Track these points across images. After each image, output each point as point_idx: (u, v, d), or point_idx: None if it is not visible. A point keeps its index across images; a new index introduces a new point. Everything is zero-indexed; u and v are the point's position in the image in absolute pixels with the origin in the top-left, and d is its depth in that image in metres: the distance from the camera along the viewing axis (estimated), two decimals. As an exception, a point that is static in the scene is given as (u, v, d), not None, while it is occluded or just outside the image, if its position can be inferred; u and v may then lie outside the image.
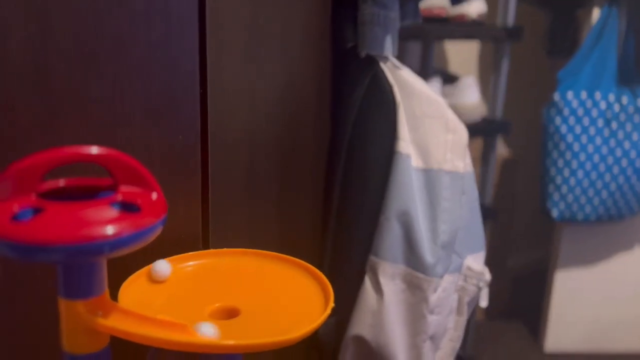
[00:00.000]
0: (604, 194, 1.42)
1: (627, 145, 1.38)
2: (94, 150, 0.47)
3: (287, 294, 0.62)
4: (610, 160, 1.40)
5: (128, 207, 0.48)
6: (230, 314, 0.59)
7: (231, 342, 0.50)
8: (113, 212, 0.46)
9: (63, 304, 0.49)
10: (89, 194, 0.51)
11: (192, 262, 0.65)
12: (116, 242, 0.45)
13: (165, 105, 0.65)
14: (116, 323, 0.49)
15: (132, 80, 0.63)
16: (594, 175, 1.41)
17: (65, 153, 0.45)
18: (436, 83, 1.42)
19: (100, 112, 0.62)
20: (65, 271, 0.48)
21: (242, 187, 0.78)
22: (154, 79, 0.64)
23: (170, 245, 0.68)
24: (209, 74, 0.68)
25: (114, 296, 0.59)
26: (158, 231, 0.48)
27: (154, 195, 0.50)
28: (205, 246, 0.72)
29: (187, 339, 0.48)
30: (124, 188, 0.49)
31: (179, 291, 0.62)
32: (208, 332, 0.52)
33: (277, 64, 0.81)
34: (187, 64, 0.66)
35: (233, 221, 0.77)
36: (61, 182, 0.50)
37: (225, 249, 0.67)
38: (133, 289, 0.62)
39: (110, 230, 0.44)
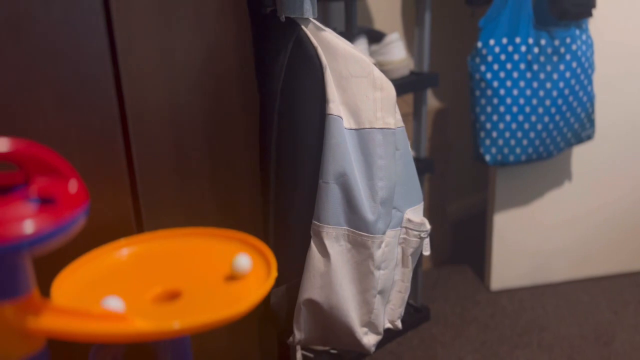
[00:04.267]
0: (532, 134, 1.47)
1: (548, 85, 1.44)
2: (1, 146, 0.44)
3: (229, 269, 0.61)
4: (534, 101, 1.45)
5: (45, 201, 0.45)
6: (172, 296, 0.58)
7: (171, 326, 0.49)
8: (29, 207, 0.44)
9: (-12, 309, 0.46)
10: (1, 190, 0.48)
11: (127, 249, 0.63)
12: (35, 240, 0.42)
13: (77, 89, 0.62)
14: (49, 322, 0.47)
15: (37, 63, 0.59)
16: (520, 117, 1.46)
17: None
18: (362, 42, 1.42)
19: (4, 100, 0.58)
20: (-16, 275, 0.45)
21: (172, 164, 0.76)
22: (60, 62, 0.60)
23: (102, 233, 0.65)
24: (119, 52, 0.65)
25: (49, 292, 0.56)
26: (81, 223, 0.46)
27: (72, 185, 0.48)
28: (140, 230, 0.70)
29: (126, 330, 0.47)
30: (39, 179, 0.46)
31: (117, 280, 0.60)
32: (114, 305, 0.51)
33: (193, 35, 0.78)
34: (93, 42, 0.62)
35: (166, 201, 0.75)
36: (-33, 182, 0.47)
37: (159, 231, 0.66)
38: (69, 282, 0.60)
39: (27, 228, 0.42)
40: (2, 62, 0.57)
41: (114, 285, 0.60)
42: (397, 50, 1.43)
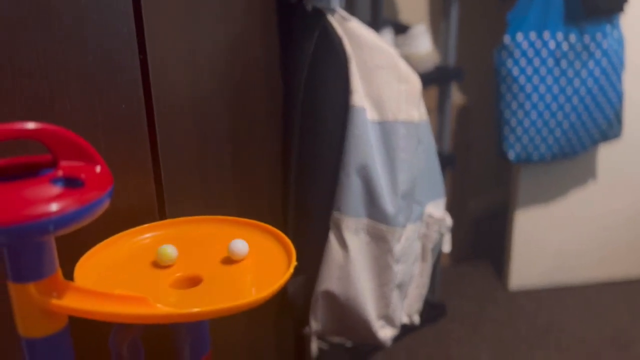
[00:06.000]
0: (558, 132, 1.45)
1: (577, 83, 1.41)
2: (28, 125, 0.45)
3: (249, 257, 0.61)
4: (561, 99, 1.42)
5: (71, 183, 0.46)
6: (192, 282, 0.59)
7: (191, 310, 0.49)
8: (55, 189, 0.44)
9: (13, 288, 0.47)
10: (29, 173, 0.49)
11: (149, 234, 0.64)
12: (60, 220, 0.43)
13: (104, 73, 0.62)
14: (71, 302, 0.48)
15: (65, 47, 0.59)
16: (547, 115, 1.43)
17: (-5, 131, 0.42)
18: (388, 34, 1.40)
19: (33, 84, 0.58)
20: (11, 254, 0.46)
21: (195, 153, 0.76)
22: (88, 45, 0.61)
23: (125, 218, 0.66)
24: (147, 37, 0.65)
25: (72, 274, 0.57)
26: (105, 205, 0.47)
27: (98, 168, 0.48)
28: (162, 216, 0.71)
29: (147, 311, 0.48)
30: (65, 163, 0.47)
31: (138, 265, 0.61)
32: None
33: (219, 23, 0.78)
34: (122, 27, 0.63)
35: (188, 188, 0.75)
36: (-4, 162, 0.48)
37: (182, 218, 0.66)
38: (90, 265, 0.60)
39: (53, 207, 0.42)
40: (30, 47, 0.58)
41: (135, 270, 0.60)
42: (422, 42, 1.41)
